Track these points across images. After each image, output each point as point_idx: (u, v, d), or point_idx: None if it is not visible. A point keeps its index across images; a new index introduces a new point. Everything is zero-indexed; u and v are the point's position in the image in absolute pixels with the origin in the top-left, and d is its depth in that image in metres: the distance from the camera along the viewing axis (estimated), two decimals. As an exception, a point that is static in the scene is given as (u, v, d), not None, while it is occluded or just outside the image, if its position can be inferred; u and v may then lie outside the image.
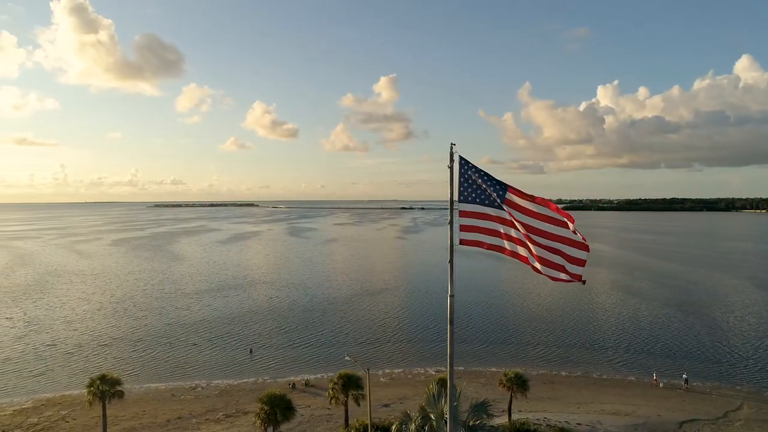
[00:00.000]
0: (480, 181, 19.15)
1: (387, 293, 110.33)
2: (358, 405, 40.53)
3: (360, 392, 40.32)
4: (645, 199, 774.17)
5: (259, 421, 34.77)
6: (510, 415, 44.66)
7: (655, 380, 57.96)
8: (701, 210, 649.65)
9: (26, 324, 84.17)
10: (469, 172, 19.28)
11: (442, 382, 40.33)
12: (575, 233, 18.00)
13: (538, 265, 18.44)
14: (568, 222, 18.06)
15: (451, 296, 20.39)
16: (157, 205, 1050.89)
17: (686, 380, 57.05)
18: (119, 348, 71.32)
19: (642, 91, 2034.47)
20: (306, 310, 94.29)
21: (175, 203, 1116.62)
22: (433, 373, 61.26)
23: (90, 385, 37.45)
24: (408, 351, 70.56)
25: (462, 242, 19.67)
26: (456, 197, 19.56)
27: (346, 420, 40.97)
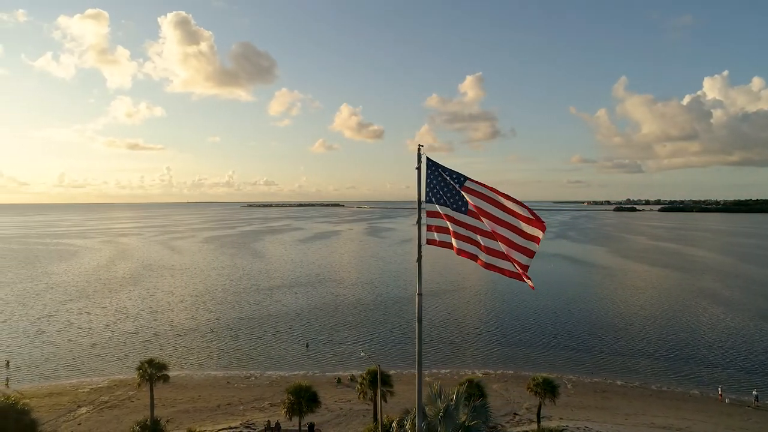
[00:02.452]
0: (442, 182, 19.64)
1: (448, 294, 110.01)
2: (386, 401, 41.49)
3: (388, 389, 41.28)
4: (757, 200, 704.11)
5: (284, 410, 36.83)
6: (539, 421, 43.63)
7: (720, 395, 53.85)
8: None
9: (116, 312, 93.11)
10: (434, 174, 19.83)
11: (469, 384, 40.42)
12: (526, 237, 18.11)
13: (486, 261, 18.89)
14: (521, 223, 18.21)
15: (419, 295, 20.97)
16: (250, 205, 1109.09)
17: (756, 397, 52.55)
18: (190, 338, 77.06)
19: (756, 82, 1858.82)
20: (369, 308, 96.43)
21: (266, 203, 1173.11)
22: (480, 374, 60.91)
23: (139, 368, 41.44)
24: (455, 352, 70.46)
25: (428, 242, 20.26)
26: (423, 198, 20.20)
27: (375, 415, 42.09)
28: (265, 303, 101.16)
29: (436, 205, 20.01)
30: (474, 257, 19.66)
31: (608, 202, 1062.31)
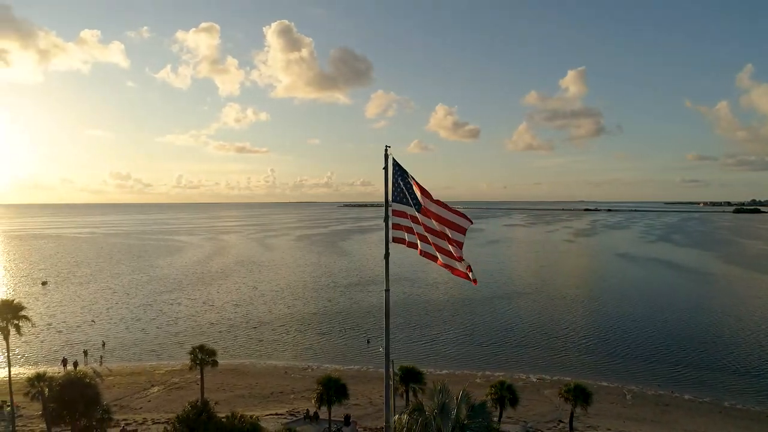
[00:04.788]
0: (403, 182, 20.48)
1: (525, 297, 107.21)
2: (416, 397, 42.11)
3: (419, 386, 41.93)
4: None
5: (315, 399, 38.83)
6: (571, 430, 41.99)
7: (804, 418, 48.41)
8: None
9: (203, 304, 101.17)
10: (396, 175, 20.71)
11: (500, 386, 40.13)
12: (458, 230, 18.85)
13: (440, 259, 19.67)
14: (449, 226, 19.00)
15: (387, 291, 21.94)
16: (346, 205, 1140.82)
17: None
18: (263, 330, 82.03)
19: None
20: (437, 308, 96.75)
21: (361, 203, 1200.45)
22: (534, 379, 59.55)
23: (191, 353, 45.39)
24: (512, 356, 69.05)
25: (394, 240, 21.15)
26: (390, 197, 21.13)
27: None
28: (339, 300, 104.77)
29: (400, 204, 20.92)
30: (434, 258, 20.52)
31: (728, 203, 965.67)
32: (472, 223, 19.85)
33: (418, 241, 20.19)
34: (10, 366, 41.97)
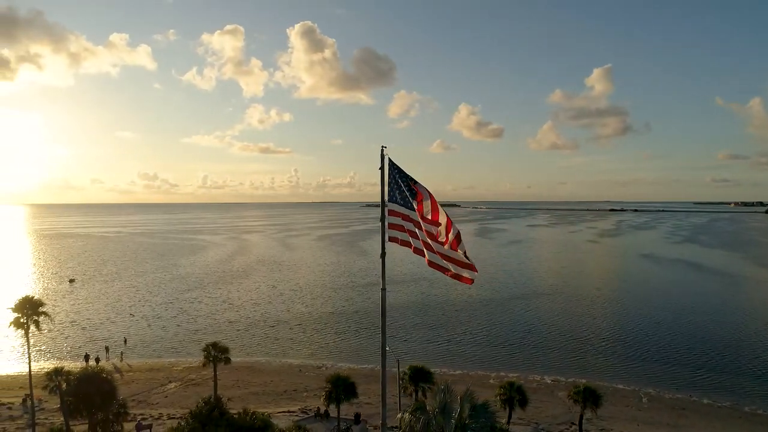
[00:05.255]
0: (399, 182, 20.68)
1: (544, 298, 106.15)
2: (425, 397, 42.17)
3: (428, 385, 41.98)
4: None
5: (323, 397, 39.22)
6: (582, 432, 41.53)
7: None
8: None
9: (222, 303, 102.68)
10: (392, 174, 20.93)
11: (509, 386, 39.98)
12: (447, 240, 18.90)
13: (430, 258, 19.79)
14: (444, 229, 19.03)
15: (383, 290, 22.27)
16: (368, 205, 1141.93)
17: None
18: (280, 329, 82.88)
19: None
20: (455, 309, 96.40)
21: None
22: (549, 381, 59.04)
23: (205, 350, 46.23)
24: (529, 357, 68.45)
25: (389, 239, 21.38)
26: (386, 197, 21.38)
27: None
28: (356, 299, 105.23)
29: (395, 204, 21.14)
30: (423, 254, 20.71)
31: (761, 204, 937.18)
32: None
33: (410, 239, 20.38)
34: (30, 360, 43.31)
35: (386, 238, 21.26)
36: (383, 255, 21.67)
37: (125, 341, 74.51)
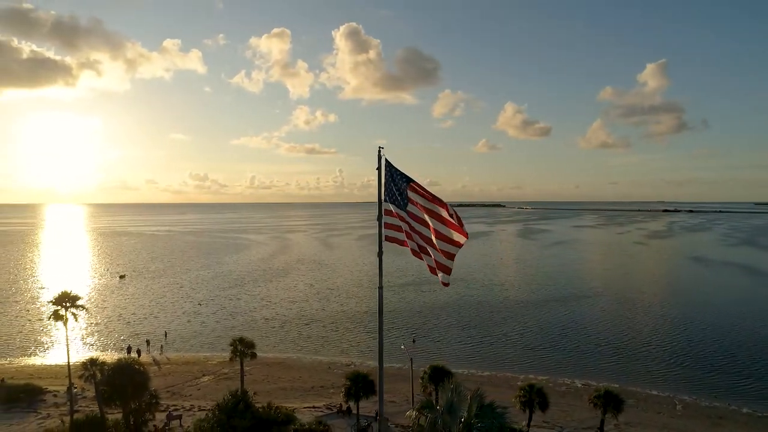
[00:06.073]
0: (394, 182, 21.09)
1: (583, 300, 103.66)
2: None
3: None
4: None
5: (343, 393, 39.95)
6: (602, 438, 40.53)
7: None
8: None
9: (261, 300, 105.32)
10: (389, 174, 21.37)
11: (529, 388, 39.64)
12: (449, 242, 19.10)
13: (428, 263, 20.10)
14: (449, 229, 19.23)
15: (380, 288, 22.73)
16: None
17: None
18: (314, 327, 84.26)
19: None
20: (489, 310, 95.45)
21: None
22: (579, 384, 57.84)
23: (232, 345, 47.77)
24: (562, 360, 67.17)
25: (386, 238, 21.83)
26: (383, 197, 21.84)
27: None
28: (391, 299, 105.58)
29: (392, 204, 21.58)
30: (420, 257, 21.04)
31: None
32: (466, 237, 19.79)
33: (407, 239, 20.74)
34: (68, 351, 45.94)
35: (383, 237, 21.69)
36: (380, 254, 22.10)
37: (166, 335, 77.66)
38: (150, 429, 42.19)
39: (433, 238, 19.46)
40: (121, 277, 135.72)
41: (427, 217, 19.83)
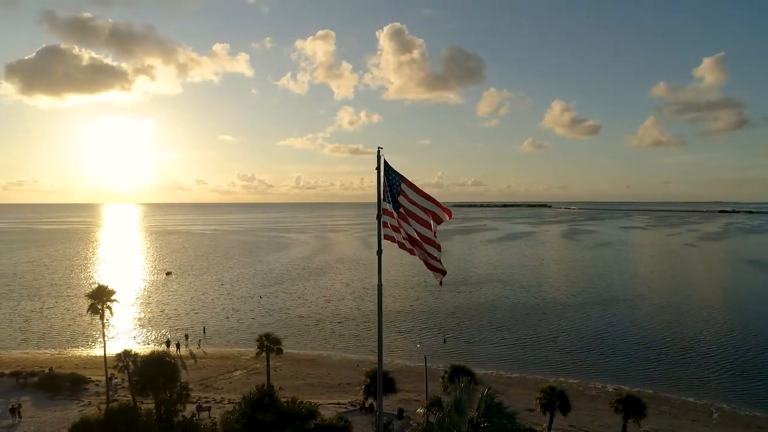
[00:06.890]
0: (390, 183, 21.51)
1: (624, 303, 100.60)
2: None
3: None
4: None
5: (362, 390, 40.48)
6: (625, 443, 39.40)
7: None
8: None
9: (297, 298, 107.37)
10: (386, 175, 21.79)
11: (550, 391, 39.17)
12: (435, 236, 19.39)
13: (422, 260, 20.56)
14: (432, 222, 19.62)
15: (379, 285, 23.18)
16: (455, 205, 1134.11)
17: None
18: (346, 325, 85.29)
19: None
20: (525, 311, 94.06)
21: (470, 203, 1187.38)
22: (611, 389, 56.32)
23: (258, 340, 49.11)
24: (596, 364, 65.53)
25: (385, 237, 22.27)
26: (382, 197, 22.29)
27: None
28: (426, 299, 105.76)
29: (389, 204, 22.01)
30: (412, 252, 21.42)
31: None
32: (450, 216, 20.57)
33: (404, 240, 21.08)
34: (105, 342, 48.40)
35: (382, 236, 22.08)
36: (379, 252, 22.49)
37: (204, 330, 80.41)
38: (179, 419, 43.96)
39: (426, 235, 19.81)
40: (168, 273, 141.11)
41: (421, 215, 20.20)
